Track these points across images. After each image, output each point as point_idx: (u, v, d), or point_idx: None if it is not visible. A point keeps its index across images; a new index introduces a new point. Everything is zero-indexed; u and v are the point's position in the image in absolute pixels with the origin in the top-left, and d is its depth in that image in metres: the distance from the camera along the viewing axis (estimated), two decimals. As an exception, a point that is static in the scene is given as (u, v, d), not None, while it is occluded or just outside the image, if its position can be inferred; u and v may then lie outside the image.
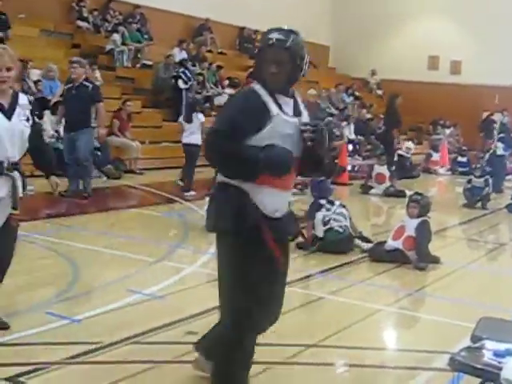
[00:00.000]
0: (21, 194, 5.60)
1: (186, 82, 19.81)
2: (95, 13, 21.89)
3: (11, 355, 5.26)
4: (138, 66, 21.50)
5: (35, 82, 15.80)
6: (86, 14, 21.48)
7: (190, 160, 13.58)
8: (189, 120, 13.58)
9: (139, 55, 21.67)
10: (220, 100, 20.09)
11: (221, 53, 25.68)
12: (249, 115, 4.24)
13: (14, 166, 5.48)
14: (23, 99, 5.56)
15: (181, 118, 14.34)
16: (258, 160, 4.14)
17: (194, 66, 21.93)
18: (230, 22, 26.15)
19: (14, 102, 5.47)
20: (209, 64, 22.70)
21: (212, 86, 22.05)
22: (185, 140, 13.61)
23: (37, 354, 5.29)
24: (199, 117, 13.61)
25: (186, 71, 20.12)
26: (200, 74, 21.62)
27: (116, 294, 6.83)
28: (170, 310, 6.49)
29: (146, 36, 22.63)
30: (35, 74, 16.14)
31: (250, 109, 4.27)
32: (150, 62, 21.48)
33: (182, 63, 20.48)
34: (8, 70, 5.37)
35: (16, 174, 5.50)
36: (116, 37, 20.96)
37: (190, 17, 24.83)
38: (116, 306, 6.42)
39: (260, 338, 4.63)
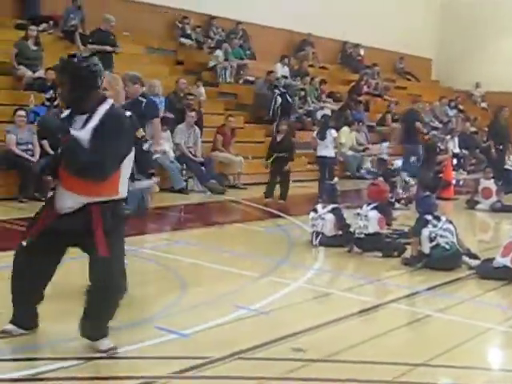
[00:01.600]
0: None
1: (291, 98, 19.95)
2: (198, 30, 22.21)
3: (121, 369, 5.36)
4: (241, 81, 21.69)
5: (141, 100, 16.12)
6: (189, 31, 21.82)
7: (324, 171, 14.64)
8: (322, 137, 14.55)
9: (241, 71, 21.86)
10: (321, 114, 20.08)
11: (322, 67, 25.66)
12: None
13: None
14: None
15: (314, 134, 15.07)
16: None
17: (295, 81, 22.02)
18: (331, 36, 26.09)
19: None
20: (310, 79, 22.72)
21: (313, 100, 22.07)
22: (320, 153, 14.66)
23: (145, 368, 5.37)
24: (332, 132, 14.76)
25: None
26: (302, 89, 21.69)
27: (223, 309, 6.88)
28: (275, 325, 6.49)
29: (248, 52, 22.83)
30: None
31: None
32: (252, 78, 21.63)
33: (282, 78, 20.55)
34: None
35: None
36: (219, 53, 21.20)
37: (291, 32, 24.90)
38: (223, 321, 6.46)
39: (366, 356, 4.58)
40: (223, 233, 11.47)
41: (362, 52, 27.36)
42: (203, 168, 15.69)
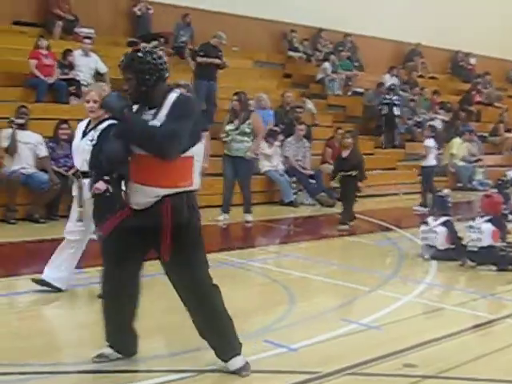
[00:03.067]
0: (88, 197, 6.88)
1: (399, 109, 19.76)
2: (306, 43, 22.26)
3: (230, 382, 5.35)
4: (349, 93, 21.61)
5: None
6: (296, 44, 21.90)
7: (428, 180, 14.99)
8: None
9: (350, 83, 21.77)
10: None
11: (432, 77, 25.29)
12: None
13: (84, 174, 7.03)
14: (103, 125, 6.90)
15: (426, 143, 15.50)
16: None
17: (404, 91, 21.75)
18: (441, 46, 25.69)
19: (95, 126, 7.06)
20: (420, 89, 22.42)
21: (424, 111, 21.75)
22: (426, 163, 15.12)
23: (254, 382, 5.34)
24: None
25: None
26: (412, 100, 21.43)
27: (332, 323, 6.82)
28: (386, 341, 6.37)
29: (356, 63, 22.73)
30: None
31: None
32: (360, 90, 21.51)
33: (391, 89, 20.34)
34: (95, 102, 7.01)
35: (84, 180, 7.06)
36: (327, 65, 21.18)
37: (400, 42, 24.68)
38: (332, 336, 6.39)
39: (480, 373, 4.42)
40: (332, 246, 11.39)
41: (473, 61, 26.83)
42: (313, 181, 15.66)
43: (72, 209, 7.39)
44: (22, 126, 11.65)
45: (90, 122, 7.22)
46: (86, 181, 6.90)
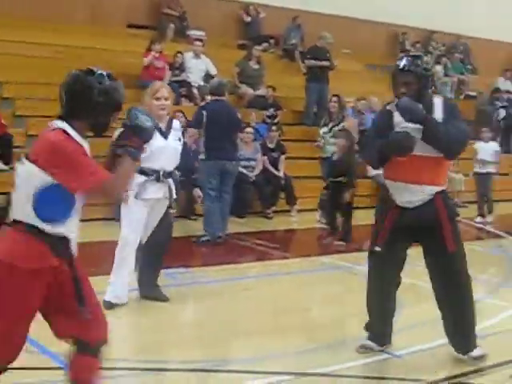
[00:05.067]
0: (175, 196, 7.15)
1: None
2: (417, 45, 21.98)
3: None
4: (462, 97, 21.21)
5: (359, 115, 16.08)
6: (408, 47, 21.64)
7: None
8: None
9: (462, 86, 21.38)
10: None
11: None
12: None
13: (169, 174, 7.04)
14: (176, 124, 7.21)
15: None
16: (381, 145, 5.46)
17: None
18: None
19: (169, 126, 7.09)
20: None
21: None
22: None
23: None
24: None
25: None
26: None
27: (437, 331, 6.68)
28: (493, 351, 6.20)
29: (468, 66, 22.29)
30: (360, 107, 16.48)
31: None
32: (473, 93, 21.09)
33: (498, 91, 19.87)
34: (166, 99, 6.98)
35: (170, 180, 7.07)
36: (438, 68, 20.85)
37: (514, 44, 24.11)
38: (437, 344, 6.26)
39: None
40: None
41: None
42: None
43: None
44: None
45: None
46: (171, 181, 7.08)
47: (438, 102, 5.54)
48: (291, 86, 17.25)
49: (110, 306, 6.67)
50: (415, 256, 10.54)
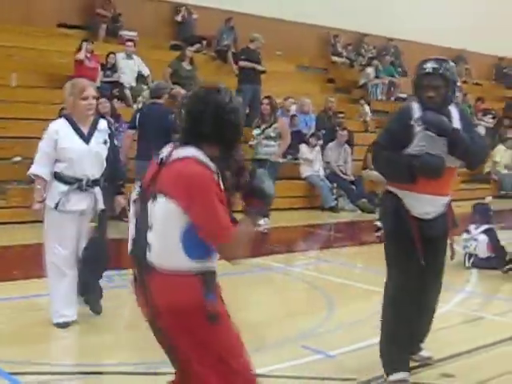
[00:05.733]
0: (102, 207, 6.51)
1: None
2: (349, 47, 22.21)
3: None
4: (392, 98, 21.49)
5: (291, 117, 16.17)
6: (340, 49, 21.86)
7: None
8: None
9: (393, 88, 21.66)
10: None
11: (476, 83, 25.06)
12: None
13: (94, 183, 6.39)
14: (102, 125, 6.49)
15: None
16: (411, 165, 5.17)
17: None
18: (487, 52, 25.44)
19: (93, 127, 6.39)
20: (464, 95, 22.23)
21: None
22: None
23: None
24: None
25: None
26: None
27: (370, 329, 6.74)
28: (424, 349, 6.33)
29: (399, 69, 22.61)
30: (292, 109, 16.56)
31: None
32: (404, 95, 21.37)
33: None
34: (94, 98, 6.36)
35: (96, 189, 6.43)
36: (370, 70, 21.10)
37: (444, 48, 24.44)
38: (370, 343, 6.30)
39: None
40: (373, 252, 11.30)
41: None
42: (354, 187, 15.62)
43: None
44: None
45: (72, 121, 6.37)
46: (97, 190, 6.47)
47: (454, 111, 5.44)
48: (224, 87, 17.23)
49: (65, 325, 6.40)
50: (345, 254, 10.67)
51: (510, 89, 25.55)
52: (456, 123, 5.33)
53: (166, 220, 3.47)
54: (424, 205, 5.37)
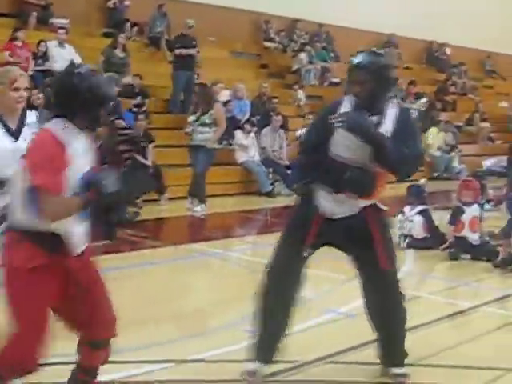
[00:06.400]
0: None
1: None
2: (282, 33, 22.28)
3: (211, 372, 5.38)
4: (326, 83, 21.64)
5: (225, 103, 16.17)
6: (272, 35, 21.91)
7: None
8: None
9: (326, 73, 21.81)
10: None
11: (407, 67, 25.37)
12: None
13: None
14: (31, 117, 5.59)
15: None
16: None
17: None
18: (416, 36, 25.77)
19: (21, 122, 5.51)
20: (395, 79, 22.47)
21: (399, 101, 21.83)
22: None
23: (234, 371, 5.35)
24: None
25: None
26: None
27: (311, 312, 6.83)
28: (364, 329, 6.39)
29: (331, 54, 22.76)
30: (225, 94, 16.55)
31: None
32: (337, 80, 21.55)
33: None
34: (25, 90, 5.49)
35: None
36: (302, 56, 21.21)
37: (376, 33, 24.71)
38: (311, 325, 6.43)
39: (456, 361, 4.47)
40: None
41: (448, 51, 26.95)
42: (289, 171, 15.70)
43: None
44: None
45: None
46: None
47: (390, 112, 4.93)
48: (157, 74, 17.16)
49: None
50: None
51: (442, 72, 25.92)
52: (387, 125, 4.87)
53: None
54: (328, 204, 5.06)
